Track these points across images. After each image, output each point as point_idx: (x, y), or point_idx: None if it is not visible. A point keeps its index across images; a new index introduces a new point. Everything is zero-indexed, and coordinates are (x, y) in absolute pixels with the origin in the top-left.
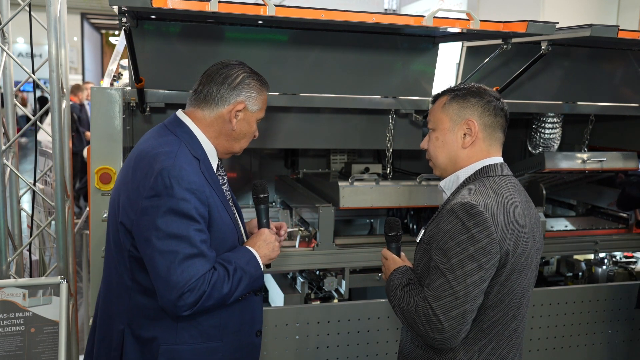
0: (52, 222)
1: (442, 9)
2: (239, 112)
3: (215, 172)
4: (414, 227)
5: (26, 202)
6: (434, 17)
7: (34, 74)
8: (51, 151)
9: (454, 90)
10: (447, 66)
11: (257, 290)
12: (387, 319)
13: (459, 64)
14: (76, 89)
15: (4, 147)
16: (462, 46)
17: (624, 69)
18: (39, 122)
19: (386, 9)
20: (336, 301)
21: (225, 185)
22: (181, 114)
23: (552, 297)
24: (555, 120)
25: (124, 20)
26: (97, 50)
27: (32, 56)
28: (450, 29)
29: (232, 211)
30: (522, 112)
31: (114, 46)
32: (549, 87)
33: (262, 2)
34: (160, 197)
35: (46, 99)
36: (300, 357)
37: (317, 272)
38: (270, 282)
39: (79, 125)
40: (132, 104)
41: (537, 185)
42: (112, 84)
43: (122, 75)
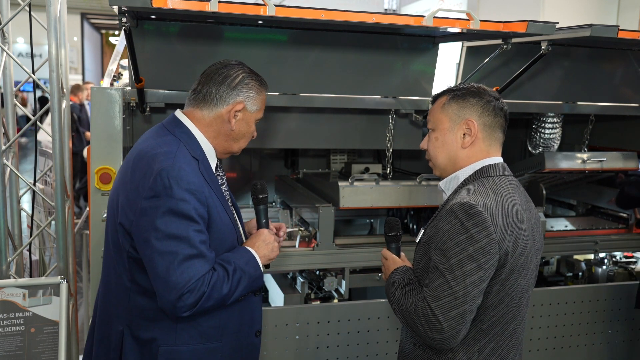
0: (52, 222)
1: (442, 9)
2: (238, 112)
3: (214, 172)
4: (414, 227)
5: (26, 202)
6: (434, 17)
7: (34, 74)
8: (51, 151)
9: (453, 90)
10: (447, 66)
11: (257, 290)
12: (387, 319)
13: (459, 64)
14: (76, 89)
15: (4, 147)
16: (462, 46)
17: (624, 69)
18: (39, 122)
19: (386, 9)
20: (336, 301)
21: (224, 185)
22: (180, 114)
23: (552, 297)
24: (555, 120)
25: (124, 20)
26: (97, 50)
27: (32, 56)
28: (450, 29)
29: (231, 211)
30: (522, 112)
31: (114, 46)
32: (549, 87)
33: (262, 2)
34: (159, 197)
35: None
36: (300, 357)
37: (317, 272)
38: (270, 282)
39: (79, 125)
40: (132, 104)
41: (537, 185)
42: (112, 84)
43: (122, 75)
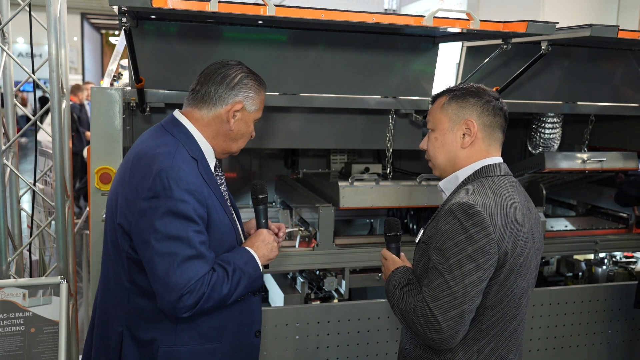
0: (52, 222)
1: (442, 9)
2: (237, 112)
3: (213, 172)
4: (414, 227)
5: (26, 202)
6: (434, 17)
7: (34, 74)
8: (51, 151)
9: (453, 90)
10: (447, 66)
11: (256, 290)
12: (387, 319)
13: (459, 64)
14: (76, 89)
15: (4, 147)
16: (462, 46)
17: (624, 69)
18: (39, 122)
19: (386, 9)
20: (336, 301)
21: (223, 185)
22: (178, 114)
23: (552, 297)
24: (555, 120)
25: (124, 20)
26: (97, 50)
27: (32, 56)
28: (450, 29)
29: (231, 212)
30: (522, 112)
31: (114, 46)
32: (549, 87)
33: (262, 2)
34: (158, 198)
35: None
36: (300, 357)
37: (317, 272)
38: (270, 282)
39: (79, 125)
40: (132, 104)
41: (537, 185)
42: (112, 84)
43: (122, 75)
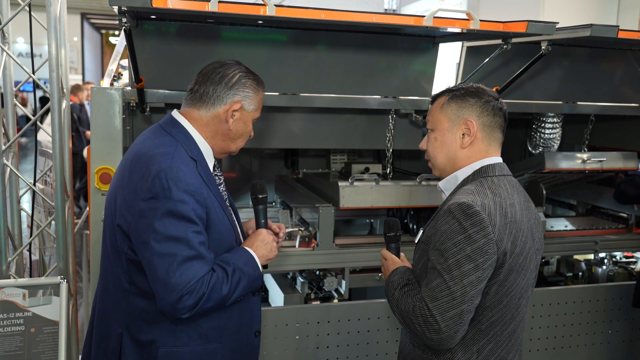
0: (52, 222)
1: (442, 9)
2: (236, 112)
3: (212, 172)
4: (414, 227)
5: (26, 202)
6: (434, 17)
7: (34, 74)
8: (51, 151)
9: (452, 90)
10: (447, 66)
11: (256, 290)
12: (387, 319)
13: (459, 64)
14: (76, 89)
15: (4, 147)
16: (462, 46)
17: (624, 69)
18: (39, 122)
19: (386, 9)
20: (336, 301)
21: (221, 185)
22: (177, 114)
23: (552, 297)
24: (555, 120)
25: (124, 20)
26: (97, 50)
27: (32, 56)
28: (450, 29)
29: (230, 212)
30: (522, 112)
31: (114, 46)
32: (549, 87)
33: (262, 2)
34: (157, 199)
35: (47, 99)
36: (300, 357)
37: (317, 272)
38: (270, 282)
39: (79, 125)
40: (132, 104)
41: (537, 185)
42: (112, 84)
43: (122, 75)
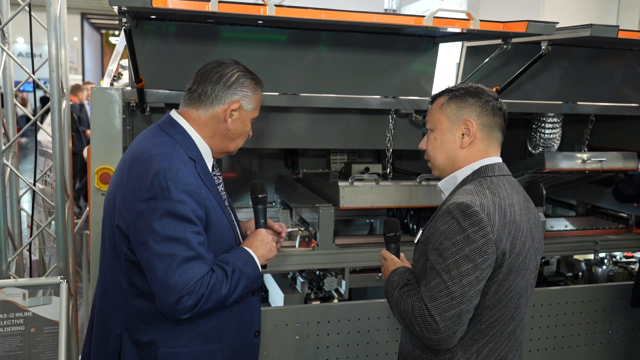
0: (52, 222)
1: (442, 9)
2: (234, 112)
3: (210, 172)
4: (414, 227)
5: (26, 202)
6: (434, 17)
7: (34, 74)
8: (51, 151)
9: (452, 90)
10: (447, 66)
11: (255, 290)
12: (387, 319)
13: (459, 64)
14: (76, 89)
15: (4, 147)
16: (462, 46)
17: (624, 69)
18: (39, 122)
19: (386, 9)
20: (336, 301)
21: (220, 185)
22: (175, 114)
23: (552, 297)
24: (555, 120)
25: (124, 20)
26: (97, 50)
27: (32, 56)
28: (450, 29)
29: (229, 212)
30: (522, 112)
31: (114, 46)
32: (549, 87)
33: (262, 2)
34: (156, 199)
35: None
36: (300, 357)
37: (317, 272)
38: (270, 282)
39: (79, 125)
40: (132, 104)
41: (537, 185)
42: (112, 84)
43: (122, 75)
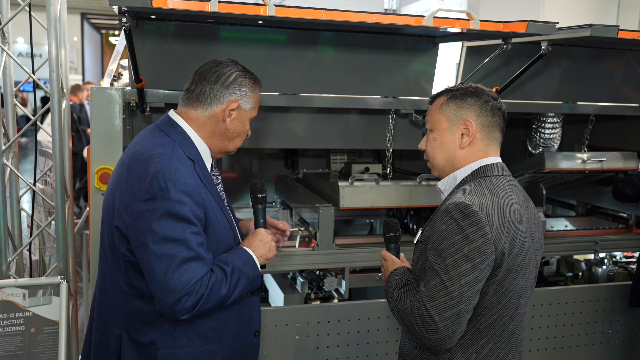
0: (52, 222)
1: (442, 9)
2: (233, 111)
3: (209, 172)
4: (414, 227)
5: (26, 202)
6: (434, 17)
7: (34, 74)
8: (51, 151)
9: (451, 90)
10: (447, 66)
11: (255, 290)
12: (387, 319)
13: (459, 64)
14: (76, 89)
15: (4, 147)
16: (462, 46)
17: (624, 69)
18: (39, 122)
19: (386, 9)
20: (336, 301)
21: (219, 185)
22: (173, 114)
23: (552, 297)
24: (555, 120)
25: (124, 20)
26: (97, 50)
27: (32, 56)
28: (450, 29)
29: (228, 212)
30: (522, 112)
31: (114, 46)
32: (549, 87)
33: (262, 2)
34: (155, 200)
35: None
36: (300, 357)
37: (317, 272)
38: (270, 282)
39: (78, 125)
40: (132, 104)
41: (537, 185)
42: (112, 84)
43: (122, 75)
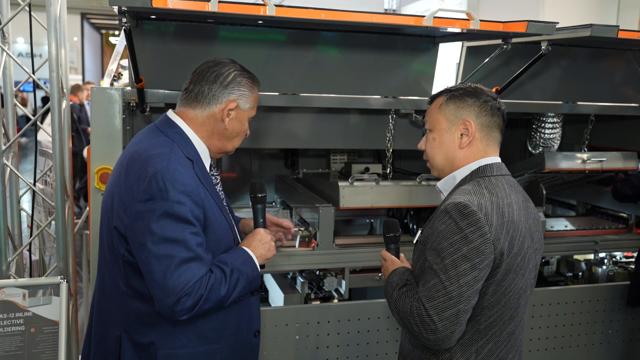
0: (52, 222)
1: (442, 9)
2: (231, 111)
3: (208, 172)
4: (414, 227)
5: (26, 202)
6: (434, 17)
7: (34, 74)
8: (51, 151)
9: (450, 90)
10: (447, 66)
11: (254, 290)
12: (387, 319)
13: (459, 64)
14: (76, 89)
15: (4, 147)
16: (462, 46)
17: (624, 69)
18: (39, 122)
19: (386, 9)
20: (336, 301)
21: (218, 185)
22: (172, 114)
23: (552, 297)
24: (555, 120)
25: (124, 20)
26: (97, 50)
27: (32, 56)
28: (450, 29)
29: (227, 212)
30: (522, 112)
31: (114, 46)
32: (549, 87)
33: (262, 2)
34: (154, 200)
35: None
36: (300, 357)
37: (317, 272)
38: (270, 282)
39: (79, 125)
40: (132, 104)
41: (537, 185)
42: (112, 84)
43: (122, 75)
